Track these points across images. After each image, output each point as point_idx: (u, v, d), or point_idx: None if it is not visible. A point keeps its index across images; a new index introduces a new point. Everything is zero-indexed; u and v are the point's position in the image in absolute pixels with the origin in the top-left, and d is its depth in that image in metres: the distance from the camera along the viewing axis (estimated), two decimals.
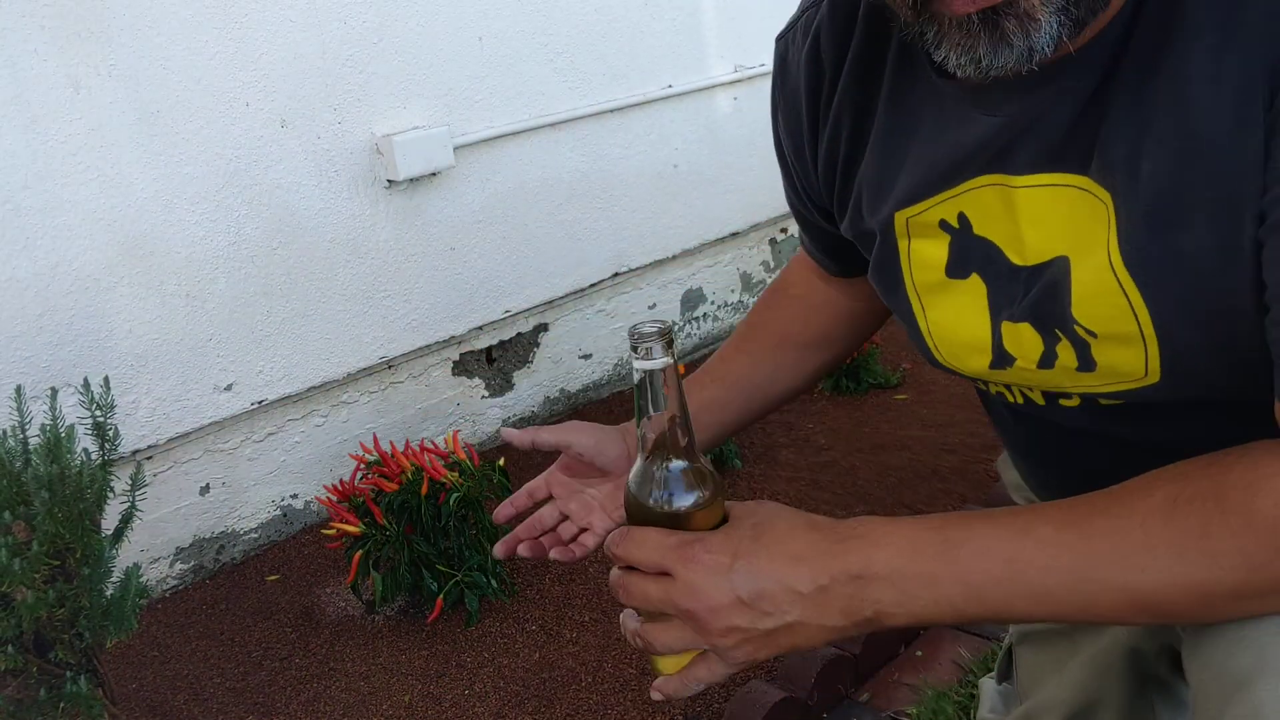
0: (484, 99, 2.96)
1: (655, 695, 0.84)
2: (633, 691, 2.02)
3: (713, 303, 3.78)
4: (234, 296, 2.57)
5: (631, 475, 0.77)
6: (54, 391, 1.86)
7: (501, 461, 2.46)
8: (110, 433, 1.84)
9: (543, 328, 3.28)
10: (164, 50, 2.38)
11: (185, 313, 2.50)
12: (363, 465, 2.40)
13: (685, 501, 0.75)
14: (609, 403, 3.41)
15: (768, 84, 1.05)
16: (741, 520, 0.75)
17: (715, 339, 3.81)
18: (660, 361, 0.72)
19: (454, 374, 3.09)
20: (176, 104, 2.41)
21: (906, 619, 0.70)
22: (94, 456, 1.82)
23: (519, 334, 3.23)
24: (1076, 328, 0.79)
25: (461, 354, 3.10)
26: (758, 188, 3.78)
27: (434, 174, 2.85)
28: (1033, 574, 0.66)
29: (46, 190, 2.26)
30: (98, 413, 1.83)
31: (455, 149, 2.87)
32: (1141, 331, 0.75)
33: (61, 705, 1.68)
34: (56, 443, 1.72)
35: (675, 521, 0.75)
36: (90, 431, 1.84)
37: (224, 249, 2.53)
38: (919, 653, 2.04)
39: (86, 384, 1.86)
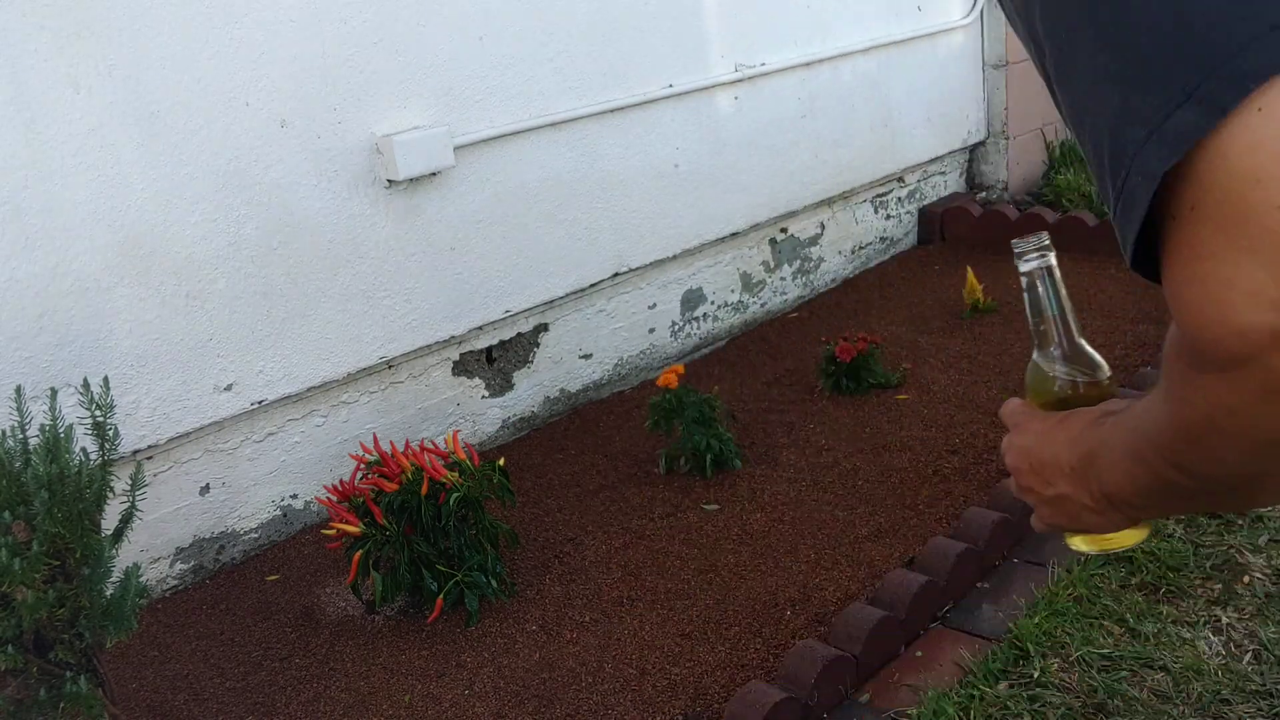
0: (484, 99, 2.96)
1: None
2: (633, 691, 2.02)
3: (713, 303, 3.78)
4: (234, 296, 2.57)
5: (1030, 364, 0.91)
6: (54, 391, 1.86)
7: (501, 461, 2.46)
8: (110, 433, 1.84)
9: (543, 328, 3.28)
10: (164, 50, 2.37)
11: (185, 313, 2.50)
12: (363, 465, 2.40)
13: (1052, 385, 0.87)
14: (609, 403, 3.41)
15: (768, 83, 1.04)
16: (1084, 410, 0.81)
17: (715, 339, 3.81)
18: (1035, 263, 0.88)
19: (454, 374, 3.09)
20: (176, 104, 2.41)
21: (1117, 491, 0.74)
22: (94, 456, 1.82)
23: (519, 334, 3.23)
24: None
25: (461, 354, 3.10)
26: (758, 188, 3.78)
27: (434, 174, 2.85)
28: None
29: (46, 190, 2.26)
30: (98, 413, 1.83)
31: (455, 149, 2.87)
32: None
33: (61, 705, 1.68)
34: (55, 443, 1.72)
35: (1051, 397, 0.87)
36: (90, 432, 1.84)
37: (224, 249, 2.53)
38: (919, 653, 2.04)
39: (86, 384, 1.86)
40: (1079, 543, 0.89)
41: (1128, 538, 0.85)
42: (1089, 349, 0.88)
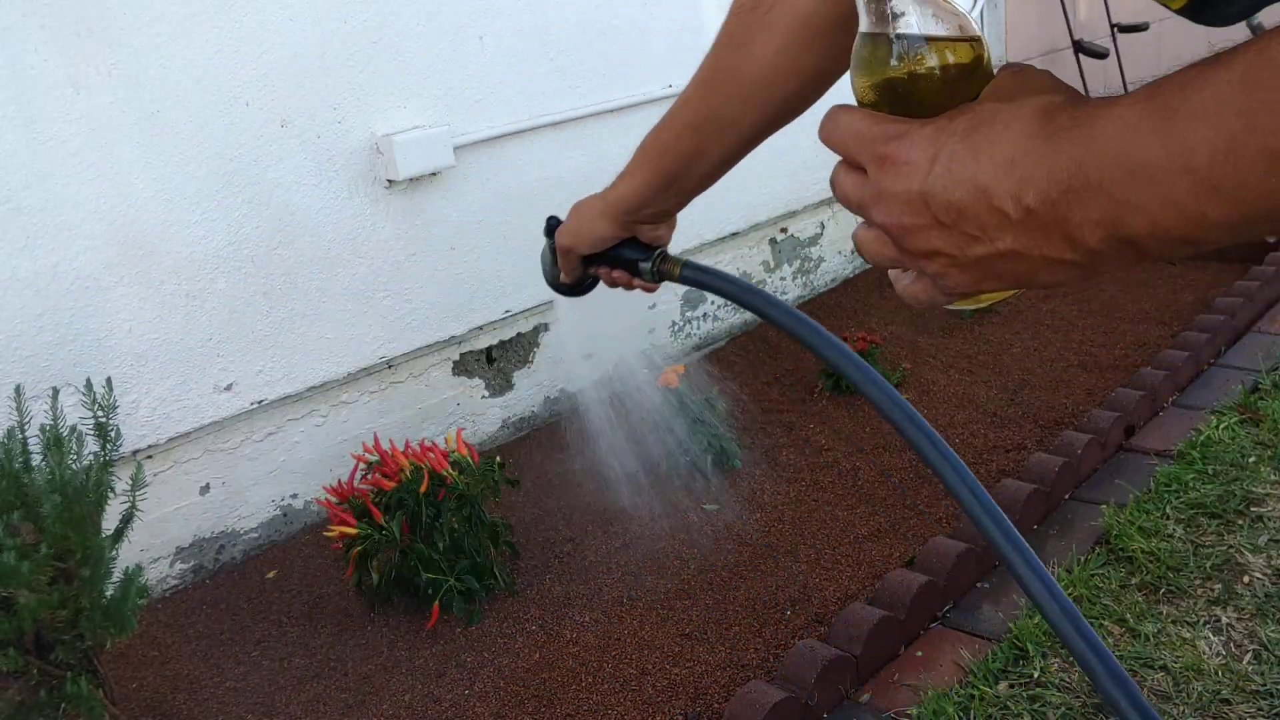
0: (484, 99, 2.96)
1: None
2: (633, 691, 2.02)
3: (713, 302, 3.78)
4: (234, 296, 2.57)
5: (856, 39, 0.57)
6: (55, 391, 1.86)
7: (498, 459, 2.46)
8: (111, 433, 1.84)
9: (543, 328, 3.28)
10: (164, 50, 2.37)
11: (185, 313, 2.50)
12: (362, 465, 2.40)
13: (900, 59, 0.54)
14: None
15: None
16: (976, 103, 0.54)
17: (715, 339, 3.81)
18: None
19: (454, 374, 3.09)
20: (177, 103, 2.41)
21: (1149, 234, 0.47)
22: (95, 457, 1.82)
23: (519, 334, 3.23)
24: None
25: (462, 354, 3.10)
26: (758, 188, 3.78)
27: (434, 174, 2.85)
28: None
29: (47, 190, 2.26)
30: (100, 413, 1.83)
31: (455, 149, 2.86)
32: None
33: (62, 706, 1.68)
34: (59, 444, 1.72)
35: (894, 91, 0.55)
36: (91, 431, 1.84)
37: (224, 249, 2.53)
38: (919, 653, 2.04)
39: (89, 384, 1.86)
40: (966, 303, 0.61)
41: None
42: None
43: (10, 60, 2.18)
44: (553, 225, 1.16)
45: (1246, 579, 2.14)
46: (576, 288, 1.19)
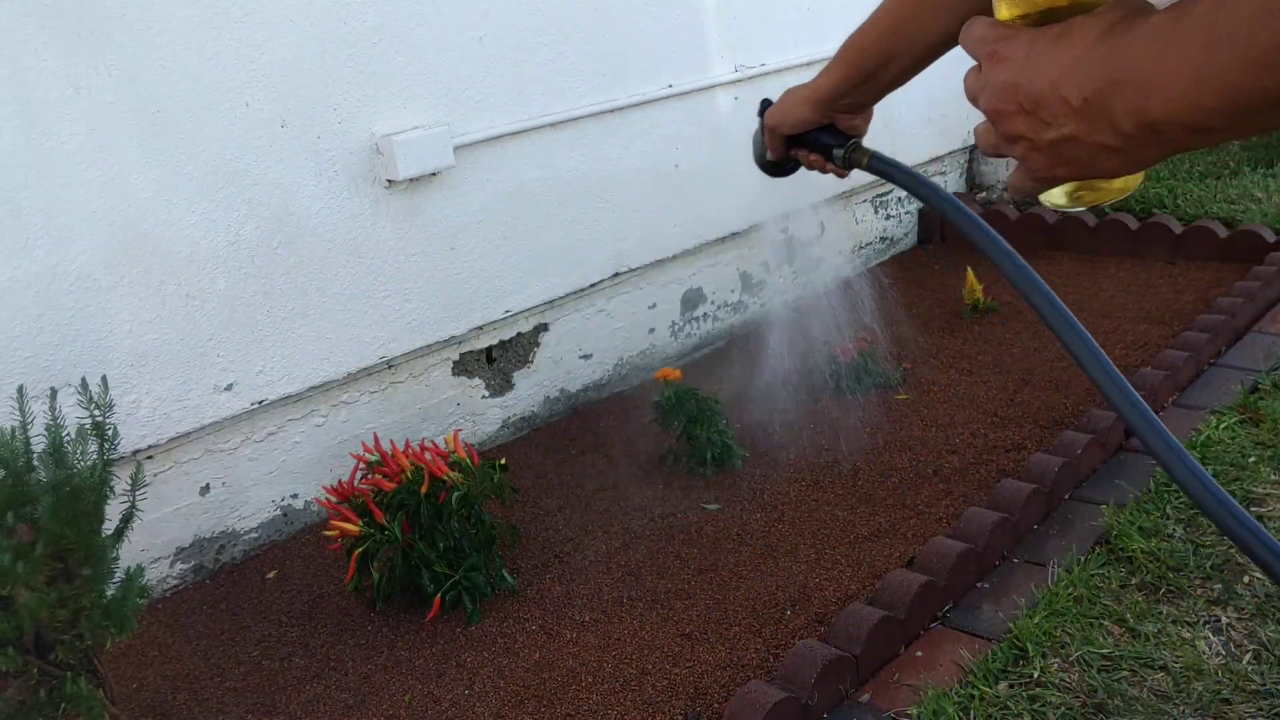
0: (484, 99, 2.96)
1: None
2: (633, 692, 2.02)
3: (713, 303, 3.78)
4: (234, 296, 2.57)
5: None
6: (54, 391, 1.86)
7: (503, 460, 2.46)
8: (110, 433, 1.84)
9: (543, 328, 3.28)
10: (164, 50, 2.37)
11: (185, 313, 2.50)
12: (362, 465, 2.40)
13: None
14: (609, 403, 3.41)
15: (769, 83, 1.05)
16: (1085, 18, 0.64)
17: (715, 339, 3.81)
18: None
19: (454, 374, 3.09)
20: (177, 104, 2.41)
21: (1165, 121, 0.59)
22: (95, 457, 1.82)
23: (519, 334, 3.23)
24: None
25: (461, 354, 3.10)
26: (758, 188, 3.77)
27: (434, 174, 2.85)
28: None
29: (46, 190, 2.26)
30: (97, 413, 1.83)
31: (455, 149, 2.87)
32: None
33: (62, 706, 1.68)
34: (60, 445, 1.72)
35: (1033, 12, 0.66)
36: (90, 431, 1.83)
37: (224, 249, 2.53)
38: (919, 653, 2.04)
39: (85, 384, 1.86)
40: (1059, 197, 0.73)
41: (1126, 184, 0.72)
42: None
43: (10, 60, 2.18)
44: (765, 105, 1.29)
45: (1246, 579, 2.14)
46: (780, 168, 1.35)
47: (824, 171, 1.27)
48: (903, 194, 4.53)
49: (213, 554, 2.67)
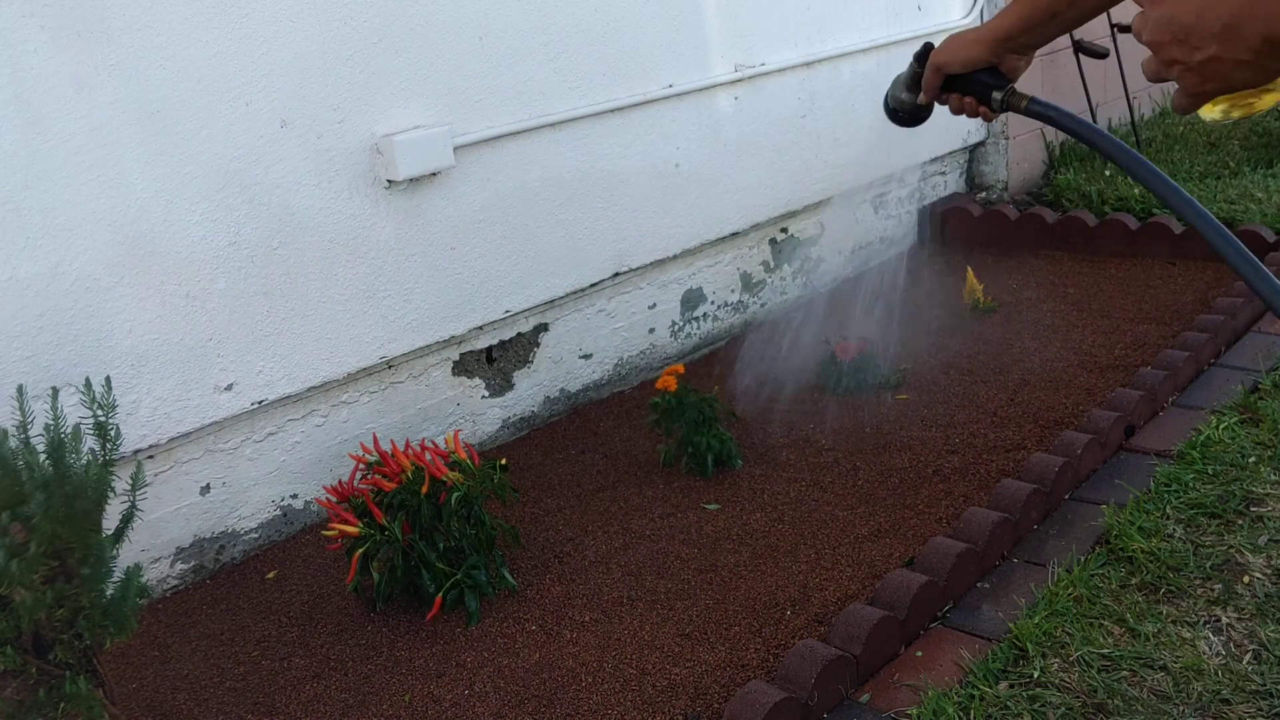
0: (484, 99, 2.96)
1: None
2: (633, 692, 2.02)
3: (713, 303, 3.78)
4: (234, 296, 2.57)
5: None
6: (55, 391, 1.86)
7: (503, 460, 2.46)
8: (112, 432, 1.84)
9: (543, 327, 3.28)
10: (165, 50, 2.37)
11: (185, 313, 2.50)
12: (362, 465, 2.40)
13: None
14: (609, 403, 3.41)
15: (768, 84, 1.05)
16: None
17: (715, 339, 3.81)
18: None
19: (454, 374, 3.09)
20: (177, 103, 2.41)
21: None
22: (96, 456, 1.82)
23: (519, 334, 3.23)
24: None
25: (461, 354, 3.10)
26: (758, 188, 3.78)
27: (434, 174, 2.85)
28: None
29: (47, 190, 2.26)
30: (99, 412, 1.83)
31: (455, 149, 2.87)
32: None
33: (61, 706, 1.68)
34: (59, 444, 1.72)
35: None
36: (91, 431, 1.84)
37: (224, 249, 2.53)
38: (919, 653, 2.04)
39: (88, 384, 1.86)
40: (1213, 111, 0.91)
41: (1270, 99, 0.89)
42: None
43: (10, 60, 2.18)
44: (926, 50, 1.34)
45: (1246, 579, 2.14)
46: (915, 116, 1.40)
47: (972, 115, 1.33)
48: (903, 194, 4.53)
49: (213, 554, 2.67)
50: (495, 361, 3.18)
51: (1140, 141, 5.16)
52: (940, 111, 1.45)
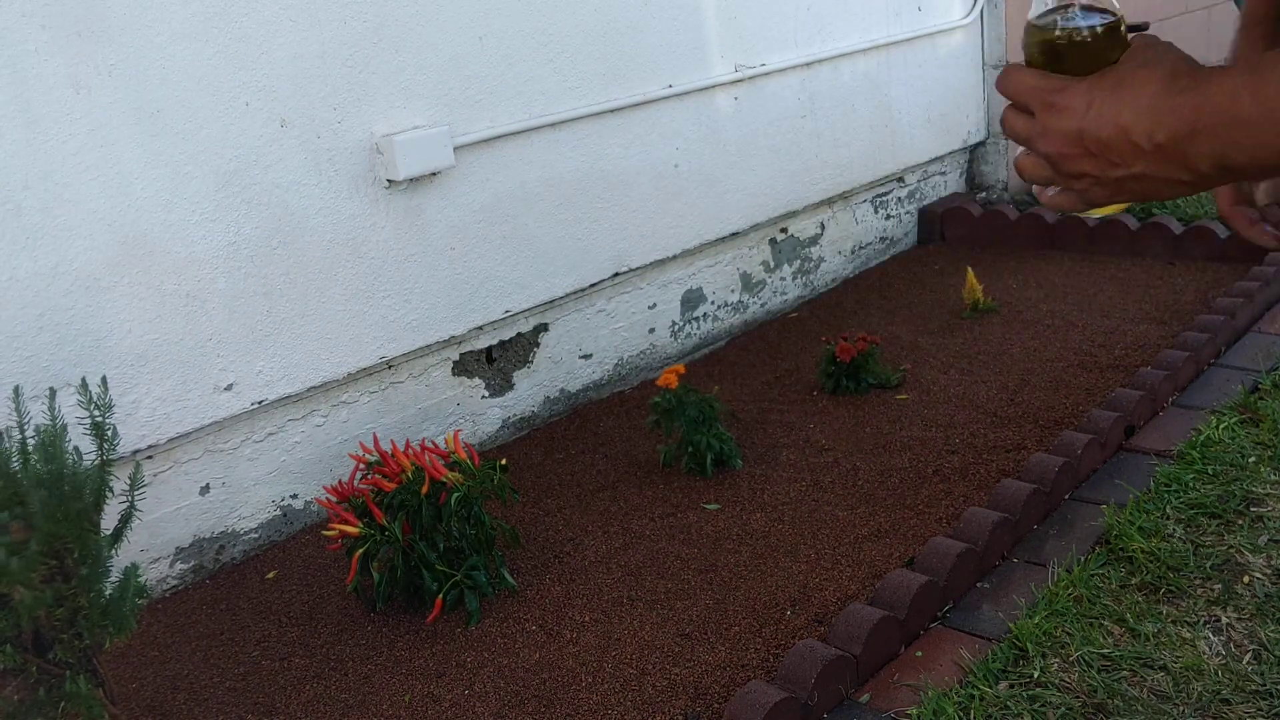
0: (484, 99, 2.96)
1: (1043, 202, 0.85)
2: (633, 692, 2.02)
3: (713, 303, 3.78)
4: (234, 296, 2.57)
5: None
6: (52, 391, 1.86)
7: (503, 461, 2.46)
8: (109, 433, 1.84)
9: (543, 328, 3.28)
10: (164, 50, 2.38)
11: (185, 313, 2.50)
12: (362, 465, 2.40)
13: (1063, 33, 0.74)
14: (609, 403, 3.41)
15: (768, 84, 1.04)
16: (1118, 66, 0.73)
17: (715, 339, 3.81)
18: None
19: (454, 374, 3.09)
20: (177, 104, 2.41)
21: (1247, 164, 0.68)
22: (92, 456, 1.82)
23: (519, 334, 3.23)
24: None
25: (461, 354, 3.10)
26: (758, 188, 3.78)
27: (434, 174, 2.85)
28: None
29: (47, 190, 2.26)
30: (96, 412, 1.83)
31: (455, 149, 2.87)
32: None
33: (61, 705, 1.68)
34: (53, 442, 1.72)
35: (1057, 57, 0.75)
36: (89, 431, 1.83)
37: (224, 249, 2.53)
38: (919, 653, 2.04)
39: (85, 384, 1.86)
40: (1095, 211, 0.86)
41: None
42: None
43: (10, 60, 2.18)
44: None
45: (1246, 579, 2.14)
46: None
47: None
48: (903, 194, 4.53)
49: (212, 554, 2.67)
50: (495, 361, 3.18)
51: None
52: (941, 112, 1.43)
